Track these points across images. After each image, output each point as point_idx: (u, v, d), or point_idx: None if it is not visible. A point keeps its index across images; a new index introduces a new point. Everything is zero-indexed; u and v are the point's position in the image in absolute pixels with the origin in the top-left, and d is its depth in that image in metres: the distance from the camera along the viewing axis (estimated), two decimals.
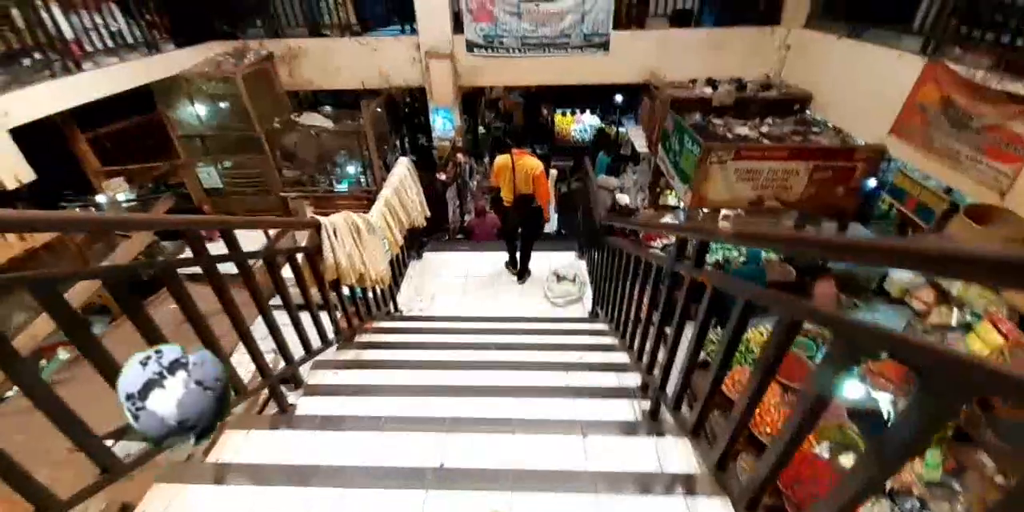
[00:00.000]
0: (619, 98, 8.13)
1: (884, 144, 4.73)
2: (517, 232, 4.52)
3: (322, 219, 2.34)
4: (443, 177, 6.63)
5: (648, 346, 2.07)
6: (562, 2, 6.14)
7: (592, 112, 9.49)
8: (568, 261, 4.37)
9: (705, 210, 5.38)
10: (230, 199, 7.01)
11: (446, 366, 2.42)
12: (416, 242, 4.38)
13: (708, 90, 6.20)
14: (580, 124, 9.66)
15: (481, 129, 10.69)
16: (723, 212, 5.39)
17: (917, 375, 0.86)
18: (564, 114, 9.61)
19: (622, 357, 2.51)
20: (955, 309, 4.12)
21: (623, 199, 6.29)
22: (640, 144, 6.65)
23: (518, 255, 4.42)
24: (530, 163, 4.00)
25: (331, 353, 2.57)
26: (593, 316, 3.46)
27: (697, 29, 6.39)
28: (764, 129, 5.51)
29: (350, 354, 2.62)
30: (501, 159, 4.05)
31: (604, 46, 6.41)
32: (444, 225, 6.22)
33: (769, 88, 6.18)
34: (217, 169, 6.81)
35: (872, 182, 5.25)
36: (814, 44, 5.79)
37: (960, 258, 0.58)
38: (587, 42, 6.40)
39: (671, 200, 6.46)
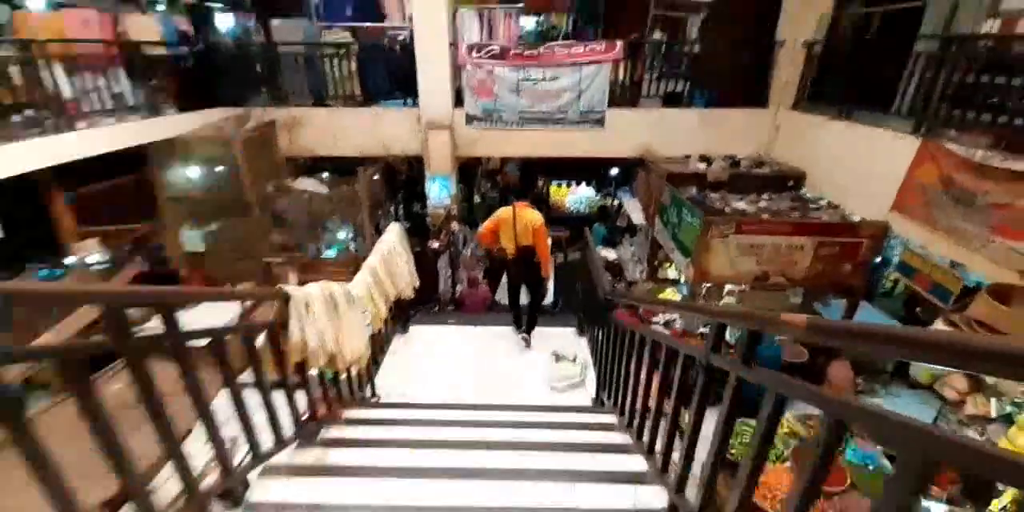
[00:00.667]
0: (615, 171, 8.30)
1: (886, 221, 4.65)
2: (520, 288, 4.37)
3: (292, 290, 2.02)
4: (436, 245, 6.43)
5: (677, 452, 1.69)
6: (559, 82, 6.40)
7: (587, 184, 9.66)
8: (567, 339, 4.01)
9: (707, 285, 5.16)
10: (211, 264, 6.70)
11: (427, 474, 1.98)
12: (402, 314, 4.04)
13: (702, 166, 6.28)
14: (575, 195, 9.78)
15: (477, 198, 10.79)
16: (727, 287, 5.17)
17: None
18: (560, 185, 9.76)
19: (638, 463, 2.09)
20: (992, 399, 3.75)
21: (610, 255, 6.08)
22: (637, 216, 6.60)
23: (523, 314, 4.17)
24: (530, 215, 4.01)
25: (288, 453, 2.12)
26: (598, 404, 3.04)
27: (688, 109, 6.64)
28: (762, 204, 5.48)
29: (311, 455, 2.16)
30: (503, 211, 4.05)
31: (600, 122, 6.59)
32: (434, 295, 5.90)
33: (762, 165, 6.28)
34: (201, 233, 6.58)
35: (875, 258, 5.12)
36: (804, 125, 5.99)
37: None
38: (583, 118, 6.59)
39: (671, 273, 6.26)
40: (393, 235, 3.63)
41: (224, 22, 7.23)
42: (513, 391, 3.26)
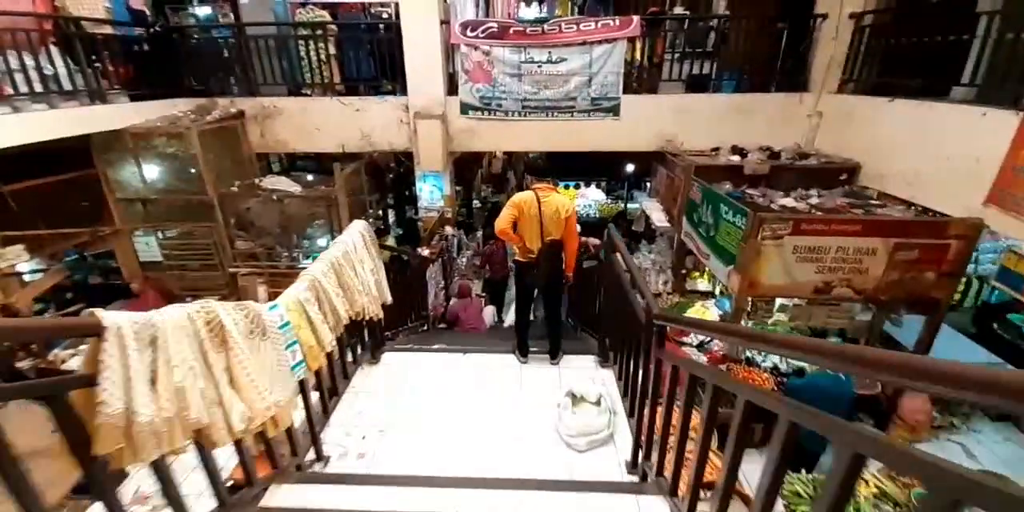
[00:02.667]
0: (631, 168, 7.38)
1: (980, 218, 3.71)
2: (533, 297, 3.49)
3: (113, 319, 1.12)
4: (426, 252, 5.54)
5: None
6: (567, 64, 5.56)
7: (597, 186, 8.76)
8: (586, 370, 3.08)
9: (754, 298, 4.23)
10: (168, 274, 5.84)
11: None
12: (372, 339, 3.12)
13: (735, 158, 5.40)
14: (584, 199, 8.89)
15: (476, 203, 9.95)
16: (778, 301, 4.22)
17: None
18: (567, 187, 8.87)
19: None
20: None
21: None
22: (658, 218, 5.70)
23: (528, 338, 3.31)
24: (560, 200, 3.10)
25: None
26: (637, 473, 2.10)
27: (716, 95, 5.77)
28: (814, 200, 4.56)
29: None
30: (522, 198, 3.06)
31: (614, 110, 5.73)
32: (422, 312, 4.98)
33: (806, 157, 5.38)
34: (157, 238, 5.73)
35: (967, 264, 4.18)
36: (856, 108, 5.09)
37: None
38: (595, 106, 5.74)
39: (701, 285, 5.33)
40: (355, 235, 2.74)
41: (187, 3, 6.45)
42: (515, 448, 2.33)
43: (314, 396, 2.32)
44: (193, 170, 5.41)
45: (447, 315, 5.15)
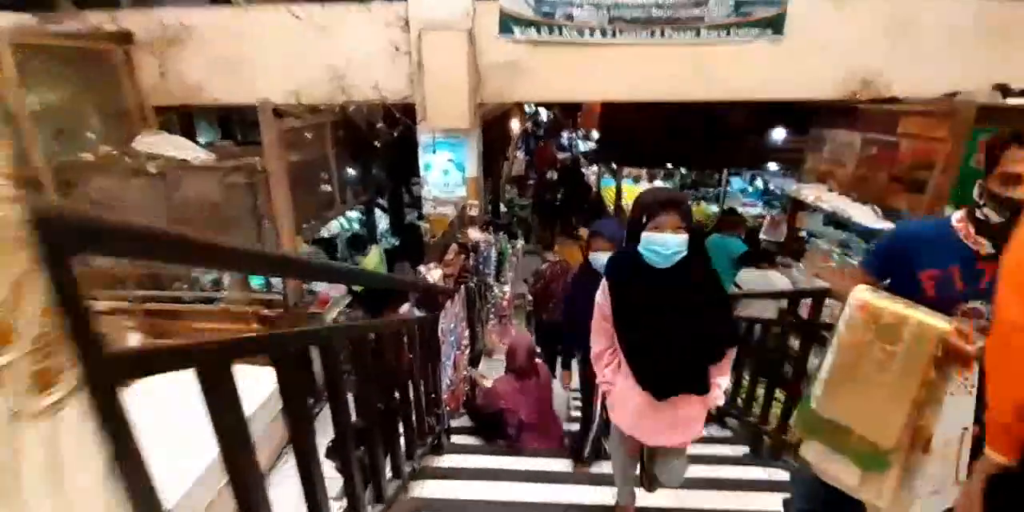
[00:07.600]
0: (779, 134, 4.65)
1: None
2: None
3: None
4: (438, 273, 2.93)
5: None
6: None
7: (666, 175, 6.10)
8: None
9: None
10: None
11: None
12: None
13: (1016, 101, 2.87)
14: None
15: (501, 207, 7.43)
16: None
17: None
18: (636, 181, 6.25)
19: None
20: None
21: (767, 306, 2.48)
22: (861, 215, 3.10)
23: None
24: None
25: None
26: None
27: None
28: None
29: None
30: None
31: (773, 25, 3.23)
32: (434, 409, 2.29)
33: None
34: None
35: None
36: None
37: None
38: (740, 15, 3.24)
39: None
40: None
41: None
42: None
43: None
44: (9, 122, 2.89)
45: (480, 411, 2.47)
